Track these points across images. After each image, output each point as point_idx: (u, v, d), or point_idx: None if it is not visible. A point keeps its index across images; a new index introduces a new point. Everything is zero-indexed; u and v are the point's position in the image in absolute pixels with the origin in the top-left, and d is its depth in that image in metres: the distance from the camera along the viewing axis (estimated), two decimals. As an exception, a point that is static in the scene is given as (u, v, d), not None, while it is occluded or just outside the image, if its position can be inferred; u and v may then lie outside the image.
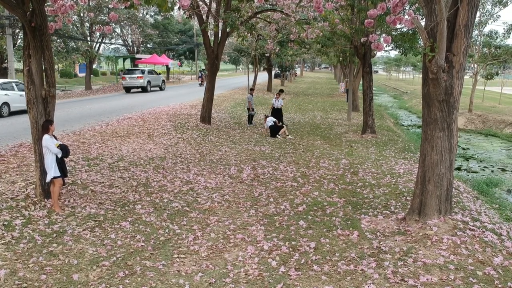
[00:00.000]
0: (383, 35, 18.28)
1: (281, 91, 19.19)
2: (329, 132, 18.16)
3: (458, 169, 15.39)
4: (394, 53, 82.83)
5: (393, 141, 16.49)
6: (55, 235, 6.71)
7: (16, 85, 19.78)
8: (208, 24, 16.39)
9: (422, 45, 20.22)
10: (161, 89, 36.52)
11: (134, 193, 8.91)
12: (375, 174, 11.10)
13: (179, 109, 22.04)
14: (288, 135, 16.41)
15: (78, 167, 10.45)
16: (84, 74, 54.41)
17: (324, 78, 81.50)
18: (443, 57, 6.61)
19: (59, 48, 29.93)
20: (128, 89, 34.20)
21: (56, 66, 55.77)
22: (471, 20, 6.73)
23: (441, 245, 6.30)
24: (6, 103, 18.64)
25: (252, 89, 20.53)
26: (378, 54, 39.76)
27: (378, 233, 6.96)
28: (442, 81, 6.75)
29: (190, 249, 6.39)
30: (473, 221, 7.25)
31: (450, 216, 7.07)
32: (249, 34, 19.47)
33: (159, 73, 38.77)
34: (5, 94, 18.70)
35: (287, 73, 55.48)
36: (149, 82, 34.10)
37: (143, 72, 34.03)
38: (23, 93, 12.21)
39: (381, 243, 6.55)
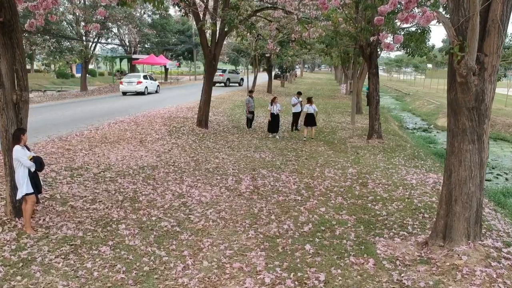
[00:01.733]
0: (389, 34, 17.32)
1: (275, 98, 17.91)
2: (332, 136, 17.21)
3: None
4: (394, 54, 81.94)
5: (401, 147, 15.54)
6: (21, 264, 5.75)
7: None
8: (205, 22, 15.43)
9: (428, 45, 19.06)
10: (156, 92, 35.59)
11: (119, 209, 7.94)
12: (386, 186, 10.14)
13: (175, 112, 21.08)
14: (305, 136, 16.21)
15: (60, 178, 9.49)
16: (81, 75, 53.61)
17: (324, 79, 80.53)
18: (474, 57, 5.66)
19: (52, 48, 28.91)
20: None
21: (52, 67, 54.97)
22: (507, 14, 5.78)
23: (473, 278, 5.35)
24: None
25: (251, 91, 19.55)
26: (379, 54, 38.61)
27: (398, 262, 6.00)
28: (472, 85, 5.80)
29: (179, 282, 5.44)
30: (506, 246, 6.30)
31: (480, 242, 6.11)
32: (248, 34, 18.54)
33: (155, 79, 37.83)
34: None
35: (287, 73, 54.55)
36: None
37: (145, 77, 33.88)
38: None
39: (402, 275, 5.60)
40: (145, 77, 33.92)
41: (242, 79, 45.37)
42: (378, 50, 16.99)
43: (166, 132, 15.68)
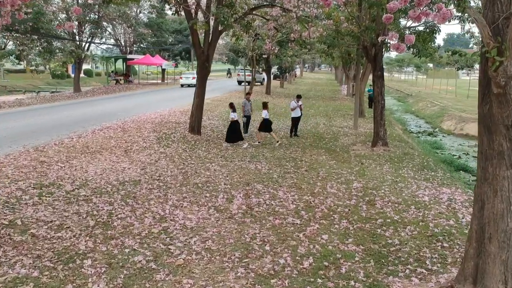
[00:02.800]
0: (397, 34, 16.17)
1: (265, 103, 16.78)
2: (334, 143, 16.07)
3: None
4: (394, 54, 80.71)
5: (409, 155, 14.40)
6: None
7: None
8: (197, 20, 14.28)
9: (434, 45, 17.88)
10: None
11: (87, 238, 6.80)
12: (396, 205, 9.00)
13: (167, 116, 19.95)
14: (278, 141, 15.29)
15: (25, 198, 8.35)
16: (78, 75, 52.42)
17: (324, 79, 79.42)
18: (515, 63, 4.53)
19: (40, 48, 27.72)
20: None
21: (46, 67, 53.78)
22: (556, 10, 4.64)
23: None
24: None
25: (248, 93, 18.36)
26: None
27: (419, 315, 4.87)
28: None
29: None
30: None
31: (520, 289, 4.98)
32: (245, 34, 17.42)
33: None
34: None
35: (287, 74, 53.40)
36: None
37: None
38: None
39: (427, 336, 4.47)
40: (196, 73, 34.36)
41: (264, 79, 46.53)
42: (383, 50, 15.87)
43: (155, 140, 14.54)
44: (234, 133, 14.88)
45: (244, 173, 11.21)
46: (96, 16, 36.88)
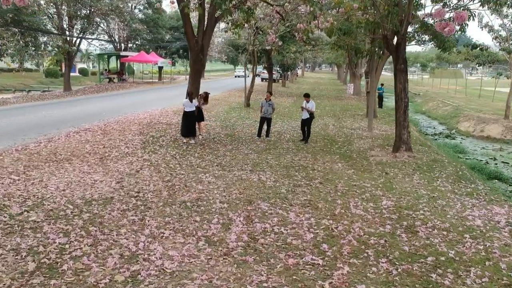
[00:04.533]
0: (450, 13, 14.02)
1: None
2: (349, 148, 13.93)
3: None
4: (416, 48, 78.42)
5: (438, 162, 12.27)
6: None
7: None
8: (189, 2, 12.10)
9: (453, 38, 15.58)
10: None
11: (17, 294, 4.67)
12: (445, 233, 6.86)
13: (157, 116, 17.79)
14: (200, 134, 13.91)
15: None
16: (73, 74, 50.12)
17: (326, 79, 77.28)
18: None
19: (21, 43, 25.48)
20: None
21: (40, 66, 51.61)
22: None
23: None
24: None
25: (269, 93, 15.72)
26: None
27: None
28: None
29: None
30: None
31: None
32: (245, 23, 15.28)
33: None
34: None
35: (289, 73, 51.25)
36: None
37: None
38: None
39: None
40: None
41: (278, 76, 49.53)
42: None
43: (140, 144, 12.38)
44: (186, 126, 13.21)
45: (245, 186, 9.06)
46: (87, 11, 34.70)
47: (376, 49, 17.56)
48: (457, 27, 10.16)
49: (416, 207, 8.13)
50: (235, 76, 64.73)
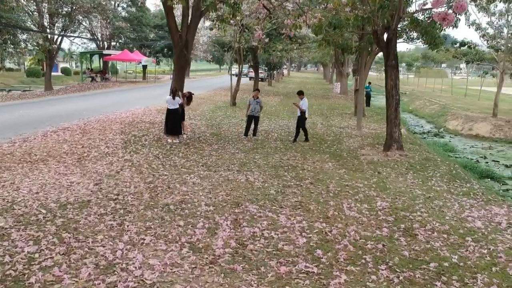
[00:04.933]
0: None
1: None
2: (338, 146, 13.51)
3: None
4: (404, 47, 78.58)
5: (431, 161, 11.92)
6: None
7: None
8: (172, -4, 11.56)
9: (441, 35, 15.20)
10: None
11: (-24, 312, 4.12)
12: (445, 236, 6.46)
13: (140, 115, 17.18)
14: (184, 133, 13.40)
15: None
16: (56, 73, 48.98)
17: (312, 78, 77.08)
18: None
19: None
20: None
21: (22, 65, 50.46)
22: None
23: None
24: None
25: (257, 90, 15.14)
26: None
27: None
28: None
29: None
30: None
31: None
32: (231, 19, 14.77)
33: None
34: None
35: (275, 72, 50.83)
36: None
37: None
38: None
39: None
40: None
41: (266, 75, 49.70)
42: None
43: (121, 144, 11.80)
44: (170, 124, 12.72)
45: (232, 187, 8.56)
46: (69, 9, 33.82)
47: (365, 45, 17.17)
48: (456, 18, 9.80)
49: (412, 208, 7.72)
50: (232, 75, 61.12)
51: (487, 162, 15.89)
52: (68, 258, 5.25)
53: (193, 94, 13.70)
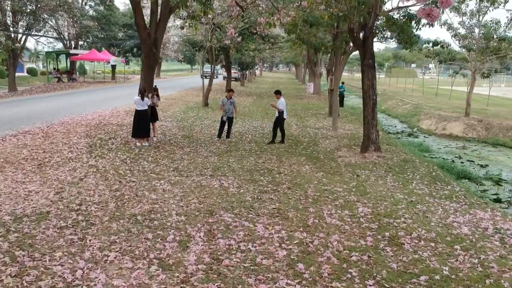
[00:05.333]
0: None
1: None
2: (315, 148, 13.13)
3: (497, 200, 10.67)
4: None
5: (409, 162, 11.65)
6: None
7: None
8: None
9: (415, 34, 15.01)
10: None
11: None
12: (433, 244, 6.10)
13: (108, 117, 16.44)
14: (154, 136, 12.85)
15: None
16: (21, 74, 47.18)
17: (285, 78, 76.99)
18: None
19: None
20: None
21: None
22: None
23: None
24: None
25: (230, 90, 14.43)
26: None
27: None
28: None
29: None
30: None
31: None
32: (202, 17, 14.25)
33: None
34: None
35: (247, 72, 50.37)
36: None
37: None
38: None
39: None
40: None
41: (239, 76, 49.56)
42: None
43: (86, 148, 11.11)
44: (138, 126, 12.03)
45: (205, 194, 8.04)
46: (34, 7, 32.54)
47: (340, 44, 16.86)
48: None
49: (395, 213, 7.35)
50: (202, 76, 56.46)
51: (462, 162, 15.78)
52: (21, 281, 4.64)
53: (157, 87, 13.10)
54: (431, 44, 22.33)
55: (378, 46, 79.99)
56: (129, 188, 8.11)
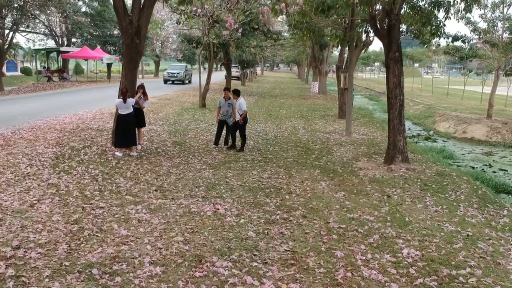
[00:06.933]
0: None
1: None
2: (329, 158, 11.08)
3: None
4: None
5: (446, 177, 9.58)
6: None
7: None
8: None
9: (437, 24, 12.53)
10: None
11: None
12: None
13: (88, 120, 14.40)
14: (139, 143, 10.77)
15: None
16: (14, 73, 45.18)
17: (286, 78, 74.95)
18: None
19: None
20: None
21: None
22: None
23: None
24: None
25: (227, 89, 12.33)
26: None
27: None
28: None
29: None
30: None
31: None
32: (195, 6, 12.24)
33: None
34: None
35: (248, 71, 48.32)
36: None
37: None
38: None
39: None
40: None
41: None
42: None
43: (51, 160, 9.06)
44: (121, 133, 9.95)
45: (194, 227, 6.01)
46: (21, 1, 30.56)
47: (357, 35, 14.84)
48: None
49: (454, 258, 5.32)
50: (233, 77, 40.56)
51: (494, 172, 13.76)
52: None
53: (143, 85, 11.05)
54: (450, 39, 20.36)
55: (379, 45, 77.83)
56: (93, 219, 6.07)
